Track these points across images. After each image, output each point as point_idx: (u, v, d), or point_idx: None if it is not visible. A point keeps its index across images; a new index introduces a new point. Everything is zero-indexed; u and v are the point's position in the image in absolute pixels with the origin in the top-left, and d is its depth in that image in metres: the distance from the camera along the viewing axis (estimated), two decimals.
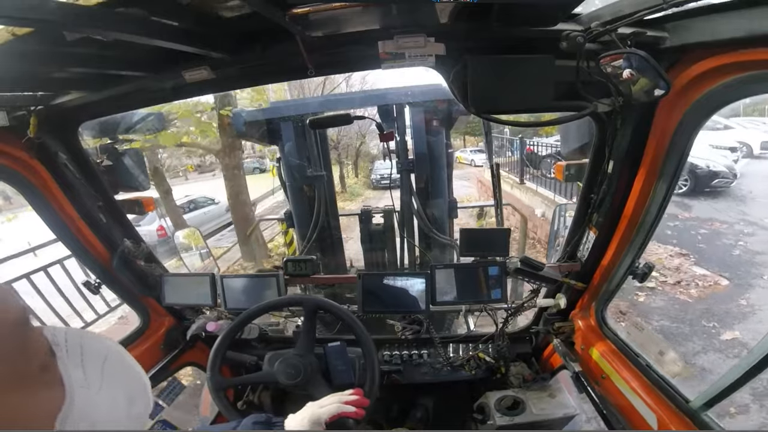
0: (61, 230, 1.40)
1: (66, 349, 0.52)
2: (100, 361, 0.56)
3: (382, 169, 17.73)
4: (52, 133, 1.24)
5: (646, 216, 1.17)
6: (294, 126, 2.56)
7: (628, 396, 1.26)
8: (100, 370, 0.55)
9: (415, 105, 2.45)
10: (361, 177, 21.07)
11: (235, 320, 1.47)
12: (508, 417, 1.49)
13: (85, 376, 0.52)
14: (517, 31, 0.94)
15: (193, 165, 18.86)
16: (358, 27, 1.00)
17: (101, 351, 0.57)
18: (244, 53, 1.03)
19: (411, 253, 3.03)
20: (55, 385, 0.49)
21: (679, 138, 0.99)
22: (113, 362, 0.58)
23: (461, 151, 22.28)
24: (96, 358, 0.55)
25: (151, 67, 1.07)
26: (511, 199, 7.84)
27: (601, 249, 1.34)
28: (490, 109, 1.06)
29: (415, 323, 1.73)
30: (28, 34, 0.71)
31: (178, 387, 1.80)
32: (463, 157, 21.56)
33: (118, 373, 0.58)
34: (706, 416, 1.04)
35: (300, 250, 3.01)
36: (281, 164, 2.72)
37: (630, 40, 0.83)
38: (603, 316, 1.49)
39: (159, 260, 1.76)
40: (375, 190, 18.37)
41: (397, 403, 1.93)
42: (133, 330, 1.78)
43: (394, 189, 2.61)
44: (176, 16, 0.82)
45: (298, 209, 2.86)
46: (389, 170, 2.39)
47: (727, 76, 0.81)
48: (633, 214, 1.18)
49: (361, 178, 20.99)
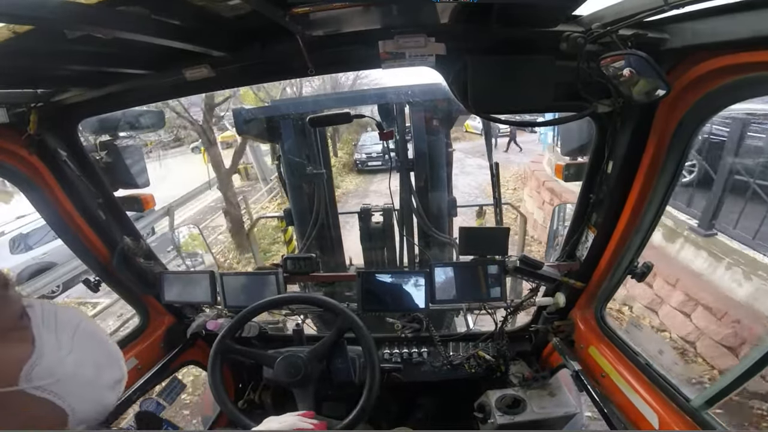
0: (61, 227, 1.40)
1: (41, 315, 0.58)
2: (72, 329, 0.61)
3: (370, 145, 13.95)
4: (52, 130, 1.24)
5: (644, 216, 1.17)
6: (294, 124, 2.56)
7: (628, 394, 1.26)
8: (71, 337, 0.60)
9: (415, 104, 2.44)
10: (343, 155, 15.39)
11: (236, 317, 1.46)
12: (508, 416, 1.49)
13: (56, 340, 0.57)
14: (517, 31, 0.95)
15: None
16: (358, 26, 1.00)
17: (73, 321, 0.62)
18: (244, 52, 1.03)
19: (410, 252, 3.04)
20: (25, 341, 0.55)
21: (678, 139, 0.99)
22: (84, 332, 0.63)
23: (471, 119, 14.68)
24: (68, 326, 0.60)
25: (151, 65, 1.07)
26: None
27: (600, 248, 1.35)
28: (491, 109, 1.06)
29: (415, 322, 1.73)
30: (28, 32, 0.71)
31: (178, 386, 1.80)
32: (472, 126, 16.13)
33: (88, 342, 0.63)
34: (707, 415, 1.05)
35: (299, 247, 3.01)
36: (281, 162, 2.72)
37: (630, 42, 0.84)
38: (602, 315, 1.50)
39: (158, 258, 1.76)
40: (360, 175, 13.96)
41: (397, 402, 1.93)
42: (133, 328, 1.78)
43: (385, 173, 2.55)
44: (177, 14, 0.82)
45: (298, 207, 2.86)
46: (380, 146, 2.33)
47: (728, 78, 0.81)
48: (632, 214, 1.18)
49: (343, 156, 15.19)
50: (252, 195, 12.45)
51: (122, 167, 1.50)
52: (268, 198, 12.45)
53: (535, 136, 16.04)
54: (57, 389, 0.54)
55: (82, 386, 0.59)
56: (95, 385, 0.61)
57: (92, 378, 0.61)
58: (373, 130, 14.02)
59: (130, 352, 1.62)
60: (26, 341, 0.55)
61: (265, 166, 13.28)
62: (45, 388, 0.53)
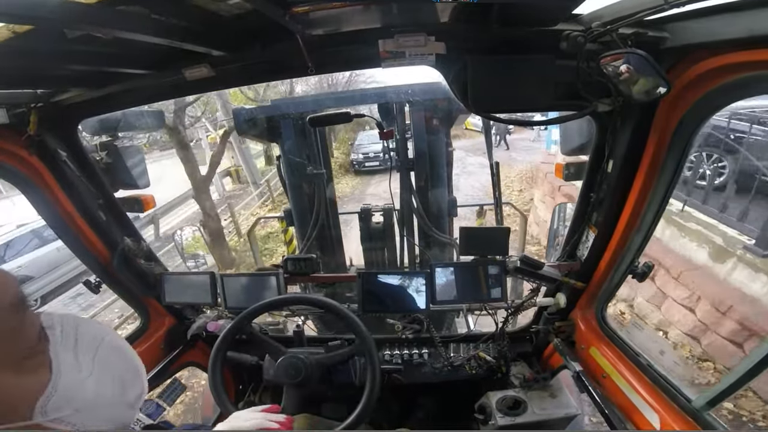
0: (61, 228, 1.40)
1: (61, 333, 0.54)
2: (94, 347, 0.57)
3: (367, 144, 13.07)
4: (52, 130, 1.24)
5: (645, 215, 1.17)
6: (294, 124, 2.56)
7: (630, 395, 1.26)
8: (92, 356, 0.56)
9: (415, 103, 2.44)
10: (339, 155, 14.59)
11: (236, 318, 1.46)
12: (509, 417, 1.49)
13: (76, 361, 0.54)
14: (517, 30, 0.95)
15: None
16: (358, 26, 1.00)
17: (96, 337, 0.59)
18: (244, 51, 1.03)
19: (411, 252, 3.03)
20: (42, 368, 0.51)
21: (679, 138, 0.99)
22: (107, 348, 0.59)
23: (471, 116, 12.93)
24: (90, 344, 0.57)
25: (151, 65, 1.07)
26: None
27: (600, 248, 1.34)
28: (491, 108, 1.06)
29: (416, 322, 1.73)
30: (28, 32, 0.71)
31: (179, 388, 1.80)
32: (472, 123, 15.35)
33: (111, 358, 0.60)
34: (709, 415, 1.05)
35: (300, 248, 3.01)
36: (281, 162, 2.72)
37: (630, 41, 0.83)
38: (603, 315, 1.50)
39: (159, 259, 1.76)
40: (357, 176, 13.04)
41: (398, 404, 1.93)
42: (134, 330, 1.78)
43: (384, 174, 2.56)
44: (177, 14, 0.82)
45: (298, 207, 2.85)
46: (379, 145, 2.31)
47: (728, 77, 0.81)
48: (632, 213, 1.18)
49: (339, 156, 14.43)
50: (244, 198, 11.88)
51: (122, 168, 1.50)
52: (260, 202, 11.70)
53: (527, 134, 15.90)
54: (75, 419, 0.52)
55: (102, 409, 0.56)
56: (116, 405, 0.59)
57: (114, 398, 0.58)
58: (371, 128, 13.55)
59: None
60: (43, 367, 0.51)
61: (255, 168, 12.59)
62: (62, 420, 0.50)
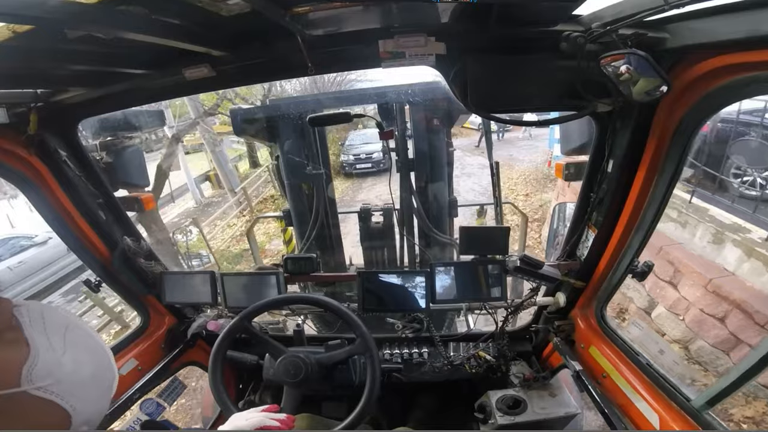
0: (61, 227, 1.40)
1: (29, 317, 0.56)
2: (62, 330, 0.59)
3: (359, 144, 11.81)
4: (52, 130, 1.25)
5: (645, 215, 1.17)
6: (293, 124, 2.56)
7: (629, 395, 1.26)
8: (62, 337, 0.58)
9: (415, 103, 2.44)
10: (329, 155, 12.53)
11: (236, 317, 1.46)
12: (509, 416, 1.49)
13: (49, 342, 0.56)
14: (517, 31, 0.95)
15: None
16: (358, 26, 1.00)
17: (62, 321, 0.60)
18: (244, 51, 1.03)
19: (411, 252, 3.03)
20: (20, 343, 0.53)
21: (678, 138, 0.99)
22: (74, 331, 0.61)
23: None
24: (58, 327, 0.59)
25: (151, 65, 1.07)
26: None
27: (600, 248, 1.34)
28: (491, 108, 1.06)
29: (416, 322, 1.73)
30: (28, 32, 0.71)
31: (179, 387, 1.80)
32: (469, 121, 14.38)
33: (80, 341, 0.61)
34: (708, 415, 1.05)
35: (299, 248, 3.01)
36: (279, 162, 2.71)
37: (630, 41, 0.83)
38: (603, 315, 1.50)
39: (159, 258, 1.76)
40: (348, 179, 11.85)
41: (398, 403, 1.93)
42: (134, 329, 1.78)
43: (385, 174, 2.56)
44: (177, 14, 0.82)
45: (297, 207, 2.85)
46: (372, 145, 2.26)
47: (728, 78, 0.81)
48: (632, 213, 1.18)
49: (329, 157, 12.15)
50: (222, 206, 10.62)
51: (122, 167, 1.50)
52: (237, 211, 10.45)
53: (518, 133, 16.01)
54: (58, 390, 0.53)
55: (82, 386, 0.58)
56: (94, 385, 0.60)
57: (90, 377, 0.60)
58: (364, 127, 13.07)
59: (131, 352, 1.62)
60: (21, 342, 0.53)
61: (233, 174, 11.86)
62: (47, 389, 0.52)
